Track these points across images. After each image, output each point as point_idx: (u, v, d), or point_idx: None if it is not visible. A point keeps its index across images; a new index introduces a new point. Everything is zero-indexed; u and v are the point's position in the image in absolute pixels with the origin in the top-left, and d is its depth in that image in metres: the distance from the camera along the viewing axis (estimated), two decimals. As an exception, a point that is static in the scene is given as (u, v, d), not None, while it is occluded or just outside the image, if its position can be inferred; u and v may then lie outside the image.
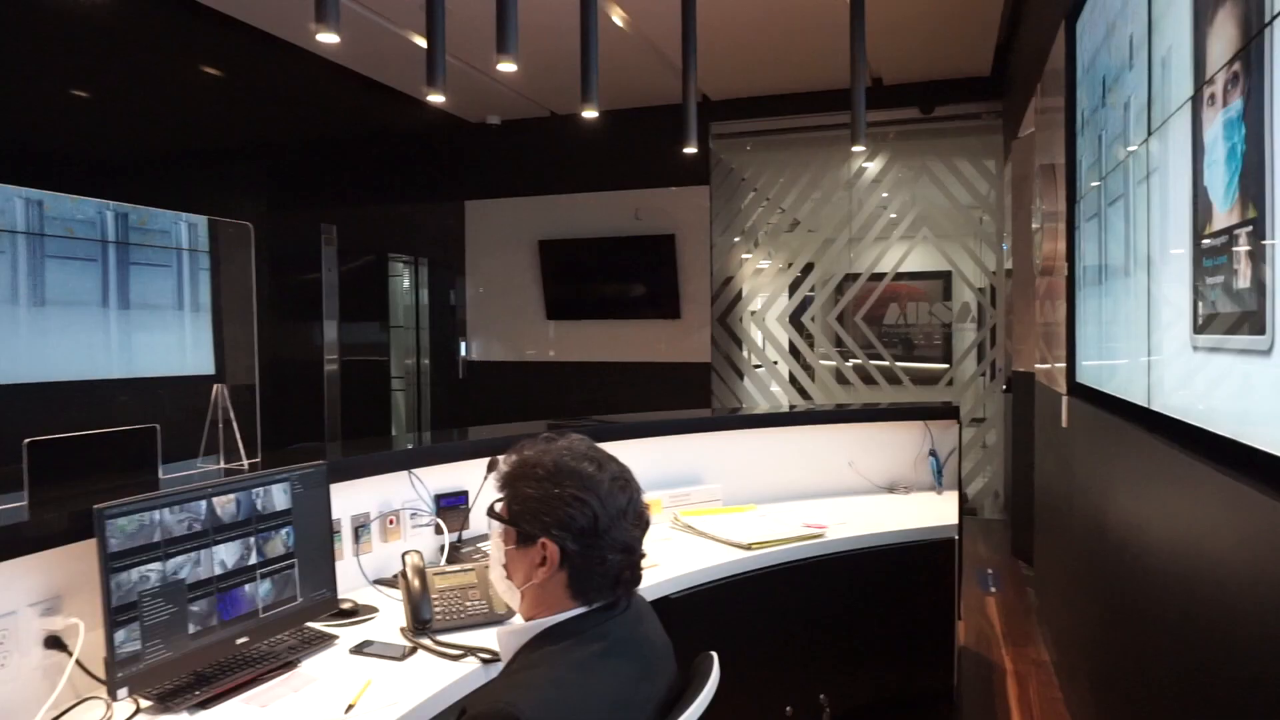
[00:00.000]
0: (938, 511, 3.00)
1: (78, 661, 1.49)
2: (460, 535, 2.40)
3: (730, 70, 5.76)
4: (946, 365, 6.77)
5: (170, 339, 4.29)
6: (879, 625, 2.79)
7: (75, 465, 1.68)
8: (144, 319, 4.15)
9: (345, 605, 1.97)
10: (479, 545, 2.40)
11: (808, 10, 4.70)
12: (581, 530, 1.15)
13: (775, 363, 6.87)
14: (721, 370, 6.71)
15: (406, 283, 7.78)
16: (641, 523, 1.21)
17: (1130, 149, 2.13)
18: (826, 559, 2.63)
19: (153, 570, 1.50)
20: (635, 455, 1.29)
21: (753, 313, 6.80)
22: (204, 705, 1.51)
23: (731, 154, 6.67)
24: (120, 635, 1.44)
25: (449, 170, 7.27)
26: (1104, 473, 2.45)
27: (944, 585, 2.87)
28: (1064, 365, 3.06)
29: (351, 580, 2.11)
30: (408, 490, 2.33)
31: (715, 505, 3.00)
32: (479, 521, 2.47)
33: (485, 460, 2.44)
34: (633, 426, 3.05)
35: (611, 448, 1.32)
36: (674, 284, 6.59)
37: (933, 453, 3.32)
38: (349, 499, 2.14)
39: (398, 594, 2.03)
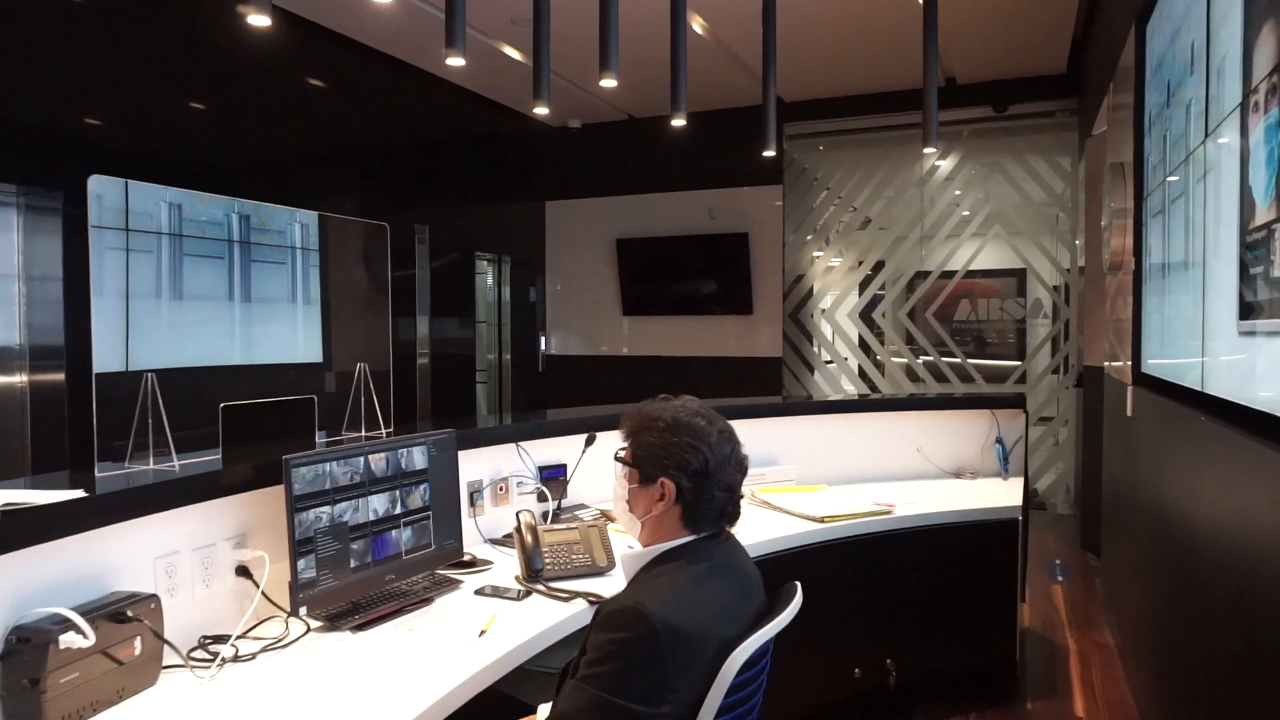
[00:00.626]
0: (1002, 495, 3.15)
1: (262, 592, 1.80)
2: (560, 503, 2.67)
3: (804, 72, 5.92)
4: (1019, 362, 6.80)
5: (285, 330, 4.72)
6: (944, 599, 2.96)
7: (254, 427, 1.99)
8: (263, 312, 4.59)
9: (465, 558, 2.25)
10: (576, 512, 2.66)
11: (882, 11, 4.84)
12: (695, 472, 1.40)
13: (845, 359, 7.00)
14: (792, 365, 6.88)
15: (490, 280, 8.16)
16: (742, 469, 1.46)
17: (1190, 149, 2.26)
18: (895, 533, 2.82)
19: (324, 512, 1.80)
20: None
21: (823, 310, 6.94)
22: (361, 628, 1.81)
23: (805, 154, 6.83)
24: (301, 564, 1.74)
25: (531, 172, 7.62)
26: (1165, 457, 2.58)
27: (1007, 564, 3.02)
28: (1130, 357, 3.17)
29: (469, 538, 2.39)
30: (515, 461, 2.61)
31: (789, 485, 3.21)
32: (576, 490, 2.74)
33: (582, 436, 2.71)
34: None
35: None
36: (746, 281, 6.79)
37: (999, 440, 3.46)
38: (466, 467, 2.41)
39: (510, 550, 2.31)
